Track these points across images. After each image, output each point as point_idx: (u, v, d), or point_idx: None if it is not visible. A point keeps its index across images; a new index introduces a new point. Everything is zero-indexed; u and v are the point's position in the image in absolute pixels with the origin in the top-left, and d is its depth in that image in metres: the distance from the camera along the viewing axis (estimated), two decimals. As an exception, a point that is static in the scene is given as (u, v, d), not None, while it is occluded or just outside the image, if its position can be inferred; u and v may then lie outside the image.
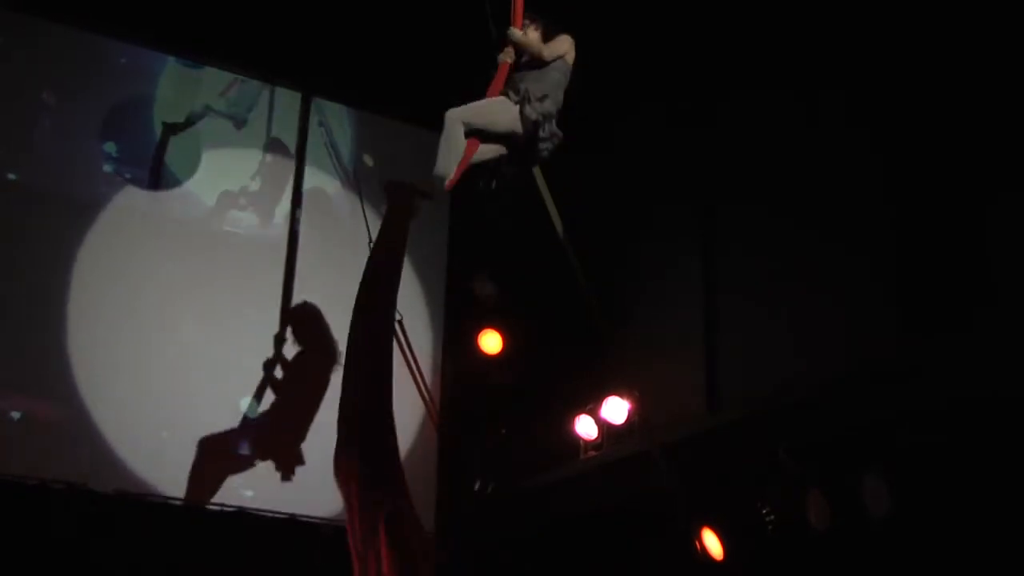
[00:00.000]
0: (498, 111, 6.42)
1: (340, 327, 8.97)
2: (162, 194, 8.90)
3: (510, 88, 6.44)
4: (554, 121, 6.45)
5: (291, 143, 9.50)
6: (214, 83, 9.32)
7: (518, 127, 6.38)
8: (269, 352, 8.87)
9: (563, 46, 6.56)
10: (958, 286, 6.40)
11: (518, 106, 6.36)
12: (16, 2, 8.44)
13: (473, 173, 6.66)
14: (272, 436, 8.72)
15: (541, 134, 6.36)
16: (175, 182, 8.97)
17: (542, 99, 6.37)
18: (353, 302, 9.08)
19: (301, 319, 9.04)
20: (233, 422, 8.64)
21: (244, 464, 8.60)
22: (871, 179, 7.17)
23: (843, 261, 7.20)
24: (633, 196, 9.08)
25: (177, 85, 9.12)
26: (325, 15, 8.94)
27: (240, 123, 9.31)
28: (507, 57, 6.51)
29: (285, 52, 9.14)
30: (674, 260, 8.61)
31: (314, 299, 9.10)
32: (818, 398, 7.04)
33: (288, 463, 8.66)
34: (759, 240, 7.96)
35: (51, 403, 8.14)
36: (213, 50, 9.14)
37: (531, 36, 6.55)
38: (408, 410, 9.27)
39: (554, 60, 6.52)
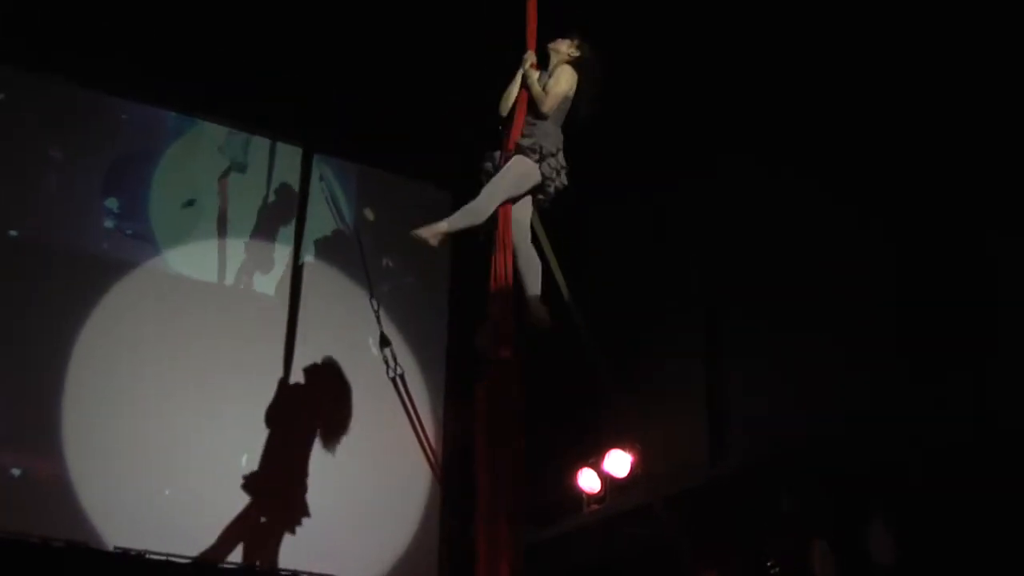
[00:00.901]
0: (518, 176, 6.21)
1: (339, 383, 9.02)
2: (165, 251, 8.91)
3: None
4: (560, 155, 6.28)
5: (292, 196, 9.51)
6: (214, 137, 9.37)
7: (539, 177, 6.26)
8: (271, 409, 8.81)
9: (562, 86, 6.30)
10: (960, 333, 6.40)
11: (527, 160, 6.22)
12: (19, 59, 8.49)
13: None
14: (273, 493, 8.65)
15: (547, 172, 6.24)
16: (177, 240, 8.98)
17: (540, 148, 6.20)
18: (351, 357, 9.14)
19: (301, 376, 9.00)
20: (235, 479, 8.57)
21: (246, 520, 8.51)
22: (871, 226, 7.19)
23: (844, 310, 7.20)
24: (637, 251, 9.09)
25: (181, 142, 9.18)
26: (323, 70, 8.99)
27: (242, 167, 9.35)
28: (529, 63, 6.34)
29: (286, 107, 9.17)
30: (676, 312, 8.61)
31: (315, 355, 9.07)
32: (820, 448, 7.02)
33: (290, 519, 8.60)
34: (761, 291, 7.97)
35: (51, 460, 8.09)
36: (213, 106, 9.19)
37: (557, 62, 6.40)
38: (411, 465, 9.26)
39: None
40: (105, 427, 8.26)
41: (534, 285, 6.33)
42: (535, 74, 6.34)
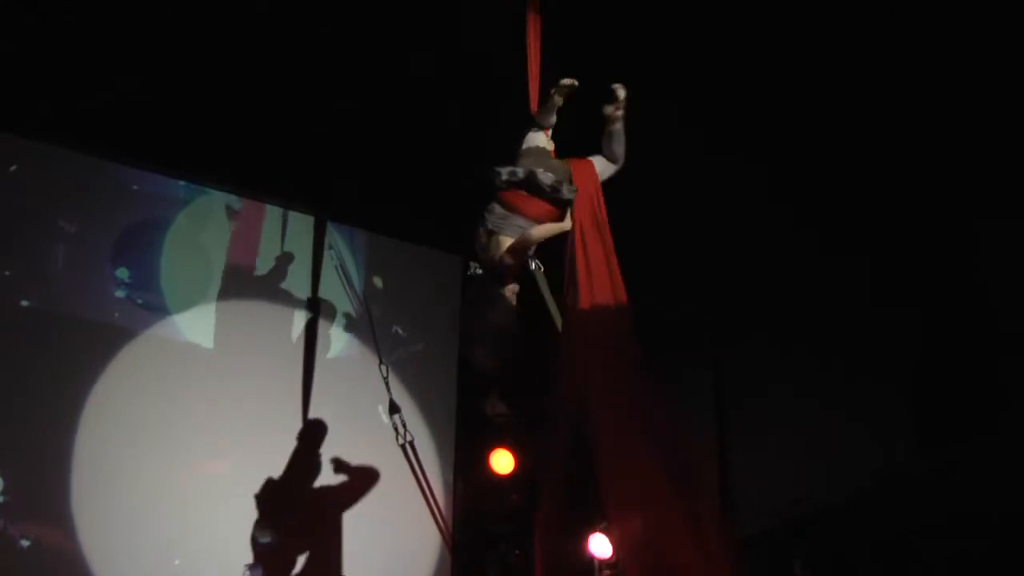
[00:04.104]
0: None
1: (349, 450, 9.01)
2: (176, 319, 8.94)
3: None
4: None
5: (301, 264, 9.56)
6: (224, 205, 9.45)
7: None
8: (286, 477, 8.77)
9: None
10: (972, 396, 6.39)
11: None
12: (30, 129, 8.57)
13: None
14: (284, 561, 8.60)
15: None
16: (187, 307, 9.01)
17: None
18: (361, 425, 9.15)
19: (310, 443, 8.99)
20: (245, 548, 8.51)
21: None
22: (880, 290, 7.21)
23: (855, 372, 7.20)
24: (642, 310, 9.09)
25: (190, 210, 9.25)
26: (332, 138, 9.05)
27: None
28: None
29: (296, 175, 9.24)
30: (685, 376, 8.60)
31: (325, 422, 9.06)
32: (834, 512, 7.00)
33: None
34: (770, 354, 7.97)
35: (59, 530, 8.04)
36: (222, 174, 9.26)
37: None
38: (421, 532, 9.22)
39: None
40: (114, 495, 8.22)
41: None
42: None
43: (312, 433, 8.98)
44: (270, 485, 8.69)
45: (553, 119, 6.46)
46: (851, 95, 7.44)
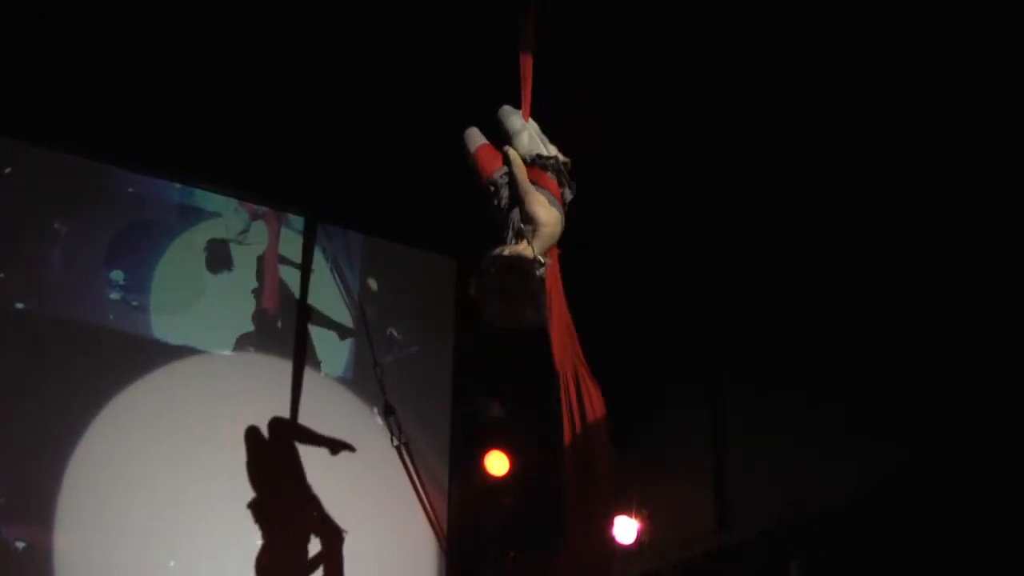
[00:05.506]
0: None
1: (343, 452, 9.00)
2: (169, 321, 8.92)
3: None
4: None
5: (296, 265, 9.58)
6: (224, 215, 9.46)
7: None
8: (280, 481, 8.77)
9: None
10: (971, 396, 6.42)
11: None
12: (25, 134, 8.57)
13: None
14: (280, 564, 8.60)
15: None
16: (181, 310, 9.01)
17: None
18: (354, 426, 9.14)
19: (305, 445, 8.98)
20: (245, 551, 8.50)
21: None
22: (874, 294, 7.23)
23: (850, 375, 7.22)
24: (641, 318, 9.12)
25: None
26: (327, 139, 9.05)
27: (243, 238, 9.44)
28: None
29: (290, 177, 9.24)
30: (681, 377, 8.63)
31: (318, 424, 9.04)
32: (830, 514, 7.01)
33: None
34: (765, 357, 7.99)
35: (56, 532, 8.03)
36: (217, 177, 9.25)
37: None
38: (416, 535, 9.22)
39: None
40: (112, 498, 8.23)
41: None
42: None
43: (306, 436, 8.98)
44: (265, 489, 8.67)
45: None
46: (844, 92, 7.49)
